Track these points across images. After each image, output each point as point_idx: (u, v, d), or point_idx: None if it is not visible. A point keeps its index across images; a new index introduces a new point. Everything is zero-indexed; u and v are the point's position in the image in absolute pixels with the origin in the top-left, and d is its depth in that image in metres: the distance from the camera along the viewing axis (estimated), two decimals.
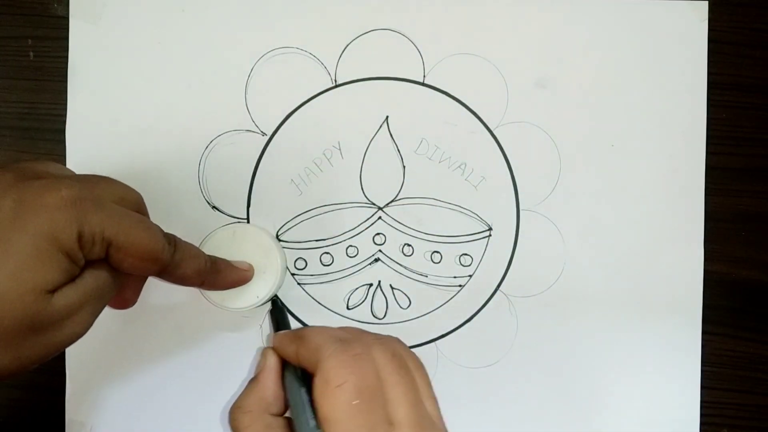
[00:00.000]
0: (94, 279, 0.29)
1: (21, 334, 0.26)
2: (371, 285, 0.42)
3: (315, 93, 0.42)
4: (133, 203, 0.32)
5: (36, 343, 0.27)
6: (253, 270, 0.38)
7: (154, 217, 0.41)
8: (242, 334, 0.41)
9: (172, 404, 0.41)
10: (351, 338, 0.30)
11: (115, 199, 0.30)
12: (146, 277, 0.34)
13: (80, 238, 0.27)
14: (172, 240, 0.32)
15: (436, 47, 0.42)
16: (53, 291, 0.27)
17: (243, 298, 0.38)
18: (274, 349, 0.33)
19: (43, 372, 0.42)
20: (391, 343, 0.31)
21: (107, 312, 0.31)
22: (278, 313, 0.40)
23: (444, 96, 0.42)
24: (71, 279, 0.28)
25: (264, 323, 0.41)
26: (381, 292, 0.42)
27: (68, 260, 0.27)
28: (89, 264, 0.29)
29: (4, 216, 0.26)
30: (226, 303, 0.38)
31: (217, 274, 0.35)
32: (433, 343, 0.42)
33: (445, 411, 0.41)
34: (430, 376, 0.30)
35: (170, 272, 0.31)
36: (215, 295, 0.38)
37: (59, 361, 0.41)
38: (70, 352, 0.41)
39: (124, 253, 0.29)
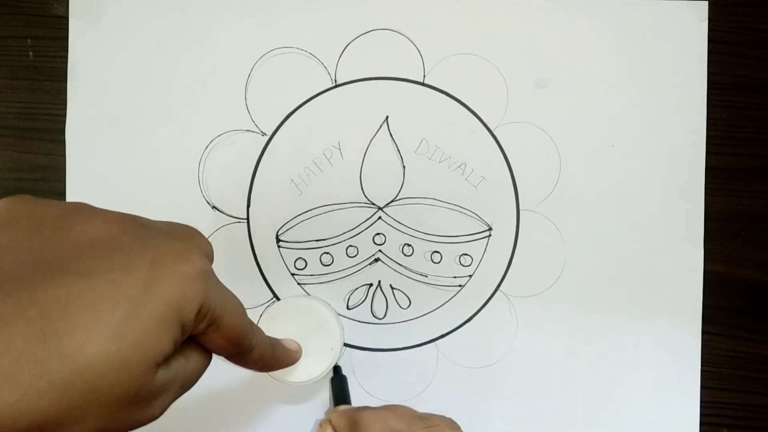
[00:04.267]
0: (186, 361, 0.28)
1: (122, 405, 0.25)
2: (371, 285, 0.42)
3: (315, 93, 0.42)
4: (212, 257, 0.31)
5: (127, 418, 0.26)
6: (301, 350, 0.37)
7: (155, 217, 0.41)
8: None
9: None
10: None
11: (209, 259, 0.29)
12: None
13: (199, 311, 0.27)
14: (252, 325, 0.31)
15: (436, 47, 0.42)
16: (160, 365, 0.26)
17: (303, 372, 0.37)
18: (330, 424, 0.34)
19: None
20: None
21: None
22: (338, 383, 0.40)
23: (444, 96, 0.42)
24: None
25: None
26: (381, 292, 0.42)
27: (181, 333, 0.26)
28: (185, 344, 0.28)
29: (139, 278, 0.25)
30: (287, 377, 0.37)
31: (275, 360, 0.34)
32: (433, 343, 0.42)
33: (445, 411, 0.41)
34: (430, 376, 0.30)
35: (244, 359, 0.30)
36: (283, 374, 0.37)
37: None
38: None
39: (220, 334, 0.28)
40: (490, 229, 0.42)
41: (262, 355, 0.32)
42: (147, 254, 0.26)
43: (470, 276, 0.42)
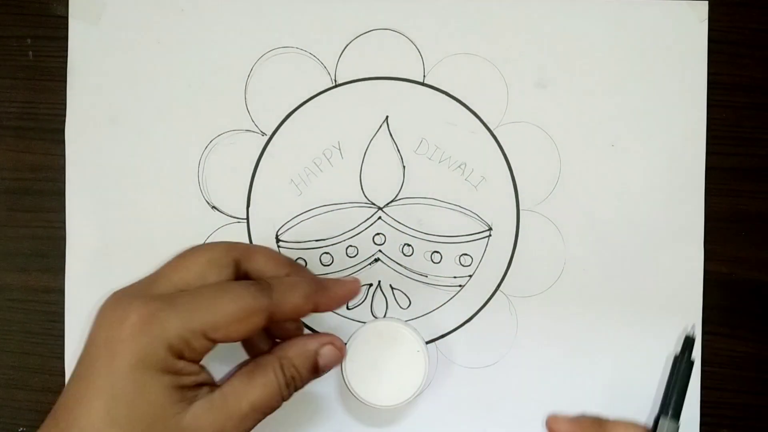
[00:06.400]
0: (229, 397, 0.29)
1: None
2: (371, 285, 0.42)
3: (315, 93, 0.42)
4: (225, 261, 0.31)
5: None
6: (359, 281, 0.36)
7: (154, 217, 0.42)
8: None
9: None
10: None
11: (199, 273, 0.30)
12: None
13: (171, 350, 0.28)
14: (264, 284, 0.31)
15: (436, 47, 0.42)
16: (180, 411, 0.28)
17: (392, 395, 0.37)
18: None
19: (43, 372, 0.42)
20: None
21: None
22: None
23: (444, 96, 0.42)
24: (195, 385, 0.29)
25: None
26: (381, 292, 0.42)
27: (173, 376, 0.28)
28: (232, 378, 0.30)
29: (102, 359, 0.28)
30: (375, 400, 0.37)
31: (326, 291, 0.33)
32: (433, 343, 0.42)
33: (445, 411, 0.41)
34: (430, 376, 0.30)
35: (279, 312, 0.30)
36: (362, 391, 0.37)
37: (59, 361, 0.41)
38: (70, 353, 0.41)
39: (223, 328, 0.28)
40: (490, 229, 0.42)
41: (304, 295, 0.31)
42: (101, 335, 0.28)
43: (470, 276, 0.42)
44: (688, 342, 0.36)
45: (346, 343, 0.35)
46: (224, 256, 0.31)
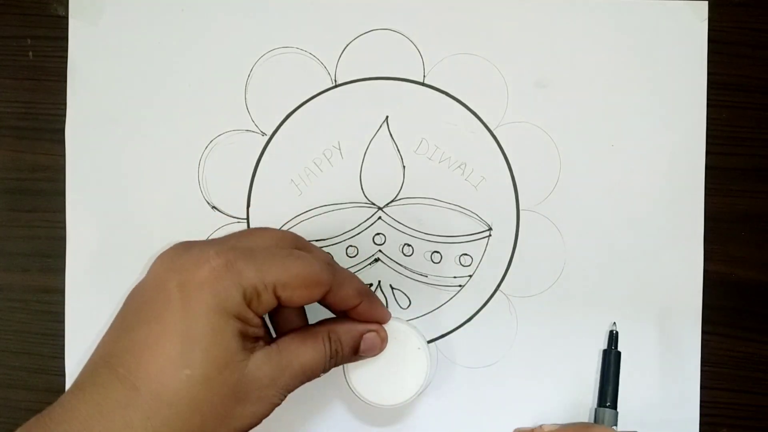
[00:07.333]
0: (280, 351, 0.31)
1: (230, 409, 0.28)
2: (371, 285, 0.42)
3: (315, 93, 0.42)
4: (289, 242, 0.33)
5: (243, 414, 0.29)
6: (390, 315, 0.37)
7: (155, 217, 0.42)
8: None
9: None
10: None
11: (269, 244, 0.32)
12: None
13: (245, 297, 0.29)
14: (330, 264, 0.33)
15: (436, 47, 0.42)
16: (244, 359, 0.29)
17: (394, 394, 0.37)
18: None
19: (43, 372, 0.42)
20: None
21: None
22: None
23: (444, 96, 0.42)
24: (255, 338, 0.30)
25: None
26: (381, 292, 0.42)
27: (242, 323, 0.29)
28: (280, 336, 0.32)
29: (175, 303, 0.28)
30: (377, 399, 0.37)
31: (372, 298, 0.35)
32: (433, 343, 0.42)
33: (445, 411, 0.41)
34: (430, 377, 0.30)
35: (335, 292, 0.32)
36: (364, 390, 0.37)
37: (59, 361, 0.41)
38: (70, 353, 0.41)
39: (291, 288, 0.30)
40: (490, 229, 0.42)
41: (358, 289, 0.33)
42: (174, 279, 0.29)
43: (470, 276, 0.42)
44: (612, 336, 0.40)
45: None
46: (288, 238, 0.33)
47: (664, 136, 0.42)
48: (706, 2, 0.42)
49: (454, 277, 0.42)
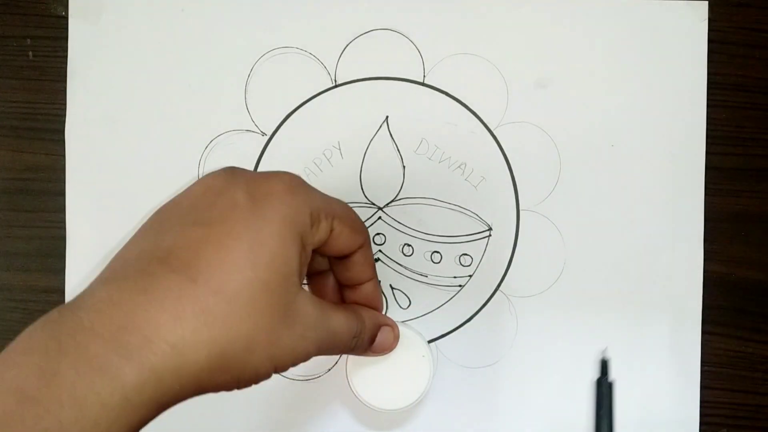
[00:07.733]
0: (322, 312, 0.29)
1: (278, 330, 0.27)
2: None
3: (315, 93, 0.42)
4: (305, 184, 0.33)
5: (285, 344, 0.27)
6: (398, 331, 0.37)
7: None
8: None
9: None
10: None
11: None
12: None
13: (311, 217, 0.28)
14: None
15: (436, 47, 0.42)
16: (298, 285, 0.28)
17: (396, 399, 0.37)
18: None
19: None
20: None
21: None
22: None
23: (444, 96, 0.42)
24: (300, 275, 0.29)
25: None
26: (381, 292, 0.42)
27: (303, 246, 0.28)
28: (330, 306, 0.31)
29: (244, 208, 0.27)
30: (378, 403, 0.37)
31: (377, 281, 0.35)
32: (433, 343, 0.42)
33: (445, 411, 0.41)
34: (431, 377, 0.30)
35: (364, 252, 0.32)
36: (366, 394, 0.37)
37: None
38: None
39: (343, 225, 0.30)
40: (490, 229, 0.42)
41: (373, 265, 0.34)
42: (242, 186, 0.27)
43: (470, 276, 0.42)
44: (604, 365, 0.35)
45: None
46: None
47: (664, 136, 0.42)
48: (706, 2, 0.42)
49: (454, 277, 0.42)
